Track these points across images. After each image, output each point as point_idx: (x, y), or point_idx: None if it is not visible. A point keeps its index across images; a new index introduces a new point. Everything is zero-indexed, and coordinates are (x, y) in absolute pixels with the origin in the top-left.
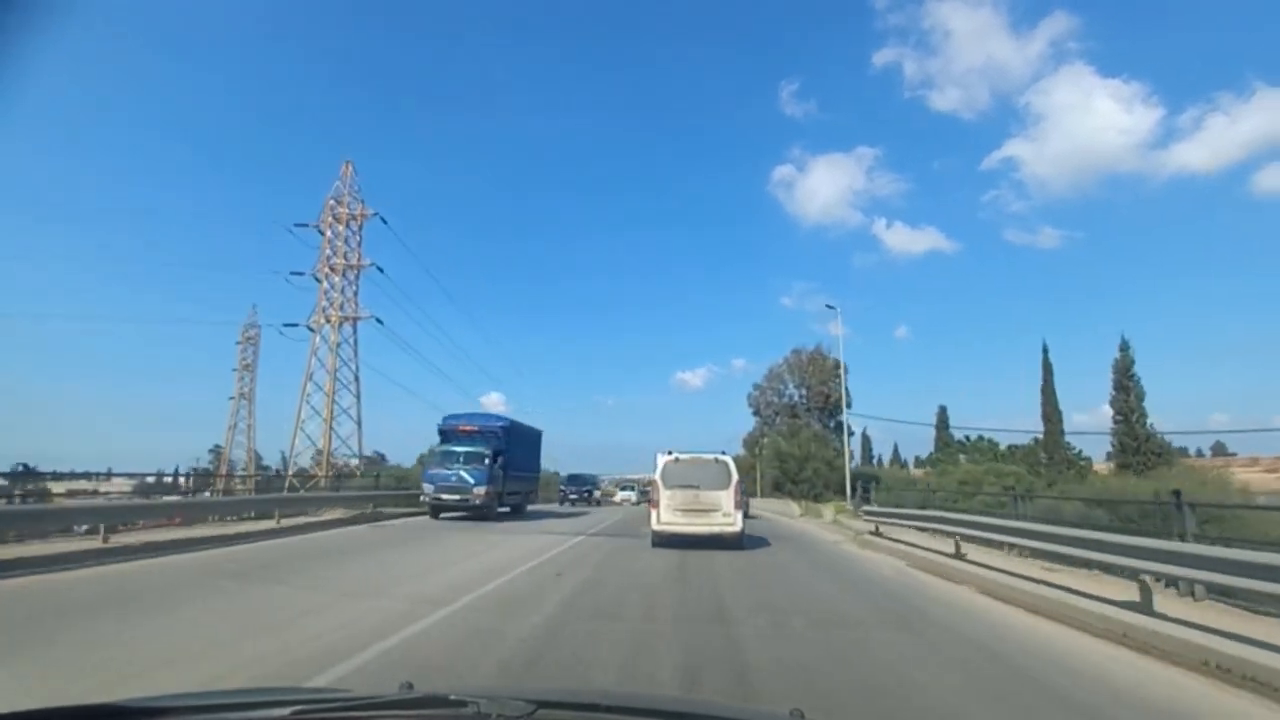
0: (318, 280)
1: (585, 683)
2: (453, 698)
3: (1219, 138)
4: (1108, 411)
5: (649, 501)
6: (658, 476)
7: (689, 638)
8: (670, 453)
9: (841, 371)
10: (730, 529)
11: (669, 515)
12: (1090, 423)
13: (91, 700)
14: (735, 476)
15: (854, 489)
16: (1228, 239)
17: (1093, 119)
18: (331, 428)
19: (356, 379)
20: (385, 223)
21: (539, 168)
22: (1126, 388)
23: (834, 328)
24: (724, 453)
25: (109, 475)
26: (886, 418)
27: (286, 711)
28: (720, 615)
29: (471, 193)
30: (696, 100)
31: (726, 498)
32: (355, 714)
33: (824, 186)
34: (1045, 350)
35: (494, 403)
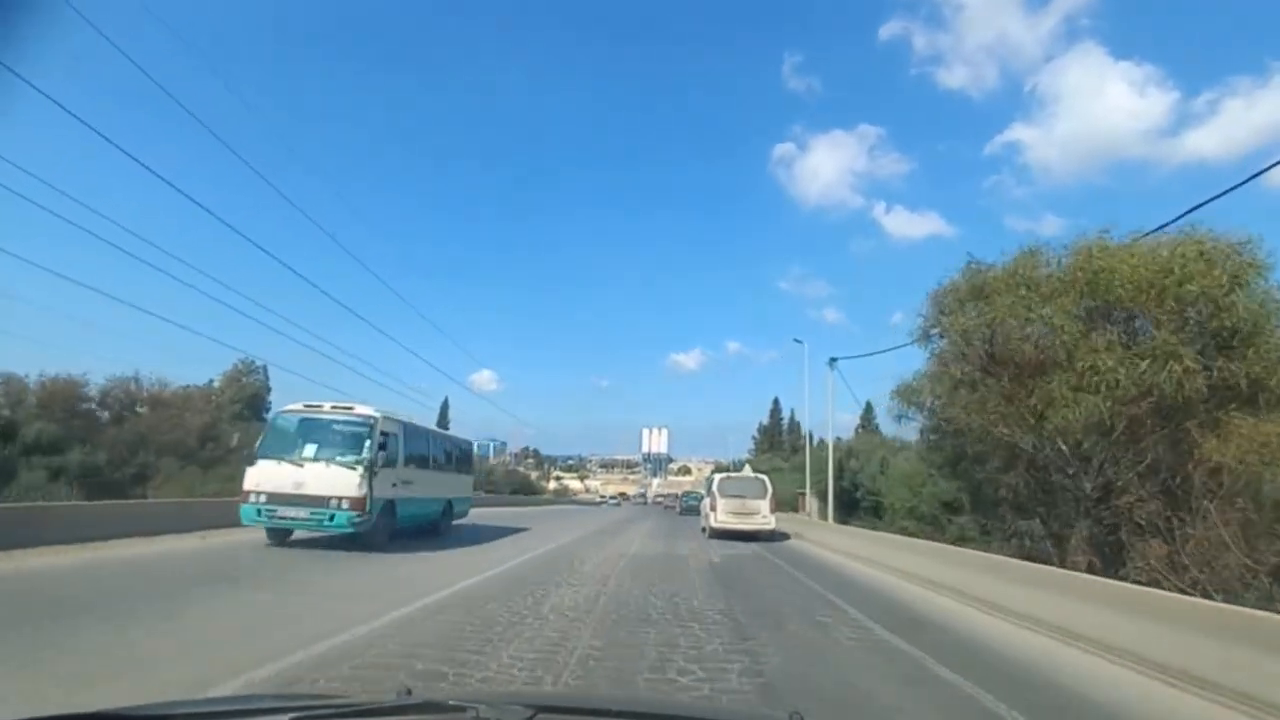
0: None
1: None
2: (452, 703)
3: (1234, 123)
4: None
5: (708, 507)
6: (714, 489)
7: None
8: (722, 473)
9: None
10: (766, 526)
11: (723, 516)
12: None
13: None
14: (770, 489)
15: None
16: (1236, 226)
17: (1103, 102)
18: None
19: None
20: None
21: (532, 146)
22: None
23: None
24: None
25: None
26: None
27: (285, 718)
28: None
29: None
30: (695, 73)
31: (764, 505)
32: None
33: (825, 166)
34: None
35: (485, 380)
